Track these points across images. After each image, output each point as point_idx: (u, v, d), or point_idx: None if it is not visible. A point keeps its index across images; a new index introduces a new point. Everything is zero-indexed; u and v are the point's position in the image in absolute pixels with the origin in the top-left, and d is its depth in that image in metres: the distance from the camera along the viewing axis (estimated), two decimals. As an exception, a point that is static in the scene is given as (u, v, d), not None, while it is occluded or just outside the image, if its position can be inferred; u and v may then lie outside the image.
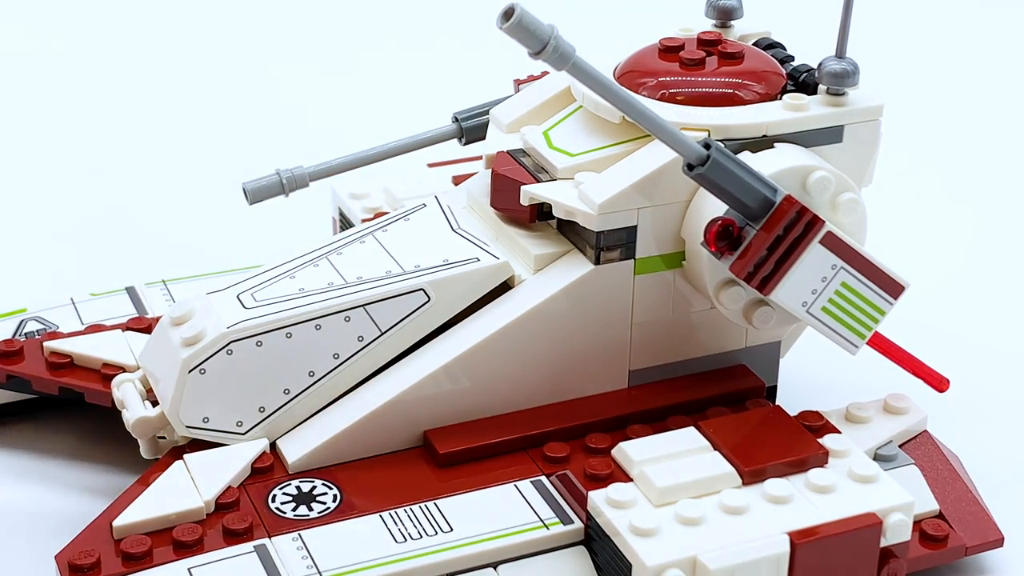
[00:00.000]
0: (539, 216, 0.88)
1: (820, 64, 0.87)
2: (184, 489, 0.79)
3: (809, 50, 0.92)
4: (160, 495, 0.79)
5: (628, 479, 0.79)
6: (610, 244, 0.84)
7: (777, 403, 0.89)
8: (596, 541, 0.77)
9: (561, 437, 0.84)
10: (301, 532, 0.77)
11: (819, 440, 0.81)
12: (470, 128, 1.00)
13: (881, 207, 0.98)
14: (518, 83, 1.03)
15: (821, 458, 0.80)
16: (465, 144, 1.02)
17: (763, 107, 0.86)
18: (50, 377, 0.91)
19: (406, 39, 1.65)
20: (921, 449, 0.88)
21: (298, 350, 0.82)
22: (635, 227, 0.84)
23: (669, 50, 0.89)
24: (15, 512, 0.89)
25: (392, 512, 0.79)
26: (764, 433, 0.82)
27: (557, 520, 0.79)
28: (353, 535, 0.77)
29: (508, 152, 0.89)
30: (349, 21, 1.70)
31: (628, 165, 0.84)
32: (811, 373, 1.01)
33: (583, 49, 0.75)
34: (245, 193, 0.95)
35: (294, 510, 0.79)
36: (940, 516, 0.85)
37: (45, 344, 0.92)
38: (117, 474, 0.91)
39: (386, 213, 1.02)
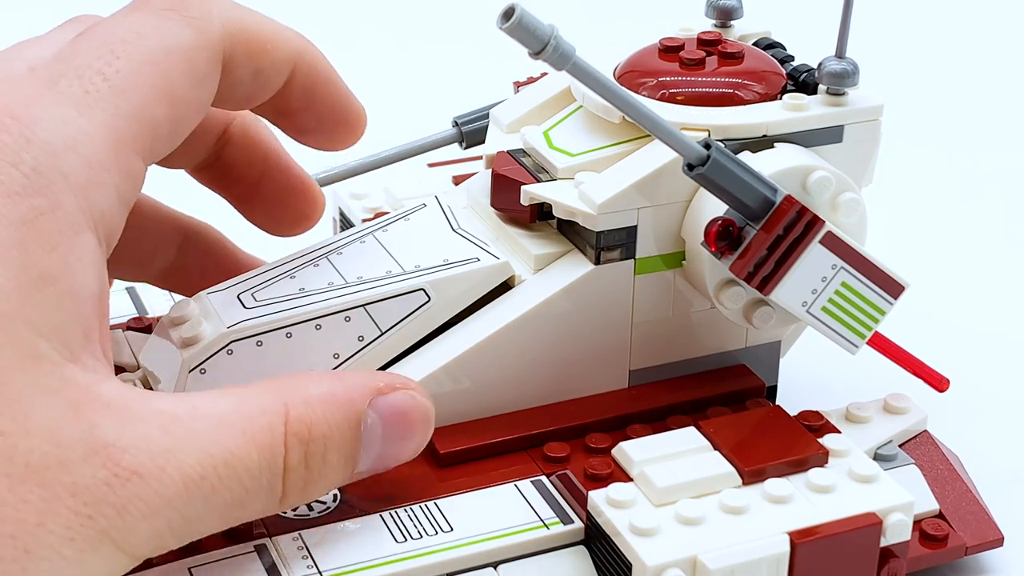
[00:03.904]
0: (539, 216, 0.88)
1: (820, 64, 0.87)
2: (184, 489, 0.79)
3: (809, 50, 0.92)
4: (160, 495, 0.79)
5: (628, 479, 0.79)
6: (610, 244, 0.84)
7: (777, 403, 0.89)
8: (596, 541, 0.77)
9: (561, 437, 0.84)
10: (301, 532, 0.77)
11: (819, 440, 0.81)
12: (470, 132, 1.00)
13: (881, 207, 0.98)
14: (517, 85, 1.03)
15: (821, 458, 0.80)
16: (466, 148, 1.02)
17: (763, 107, 0.86)
18: (50, 377, 0.91)
19: (404, 44, 1.65)
20: (921, 449, 0.89)
21: (298, 350, 0.82)
22: (635, 227, 0.84)
23: (669, 50, 0.89)
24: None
25: (392, 512, 0.79)
26: (764, 433, 0.82)
27: (557, 520, 0.79)
28: (353, 535, 0.77)
29: (508, 152, 0.89)
30: (348, 27, 1.70)
31: (628, 165, 0.84)
32: (811, 373, 1.01)
33: (583, 49, 0.75)
34: None
35: (294, 510, 0.79)
36: (940, 516, 0.85)
37: (45, 344, 0.92)
38: (117, 474, 0.91)
39: (386, 213, 1.02)
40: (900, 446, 0.88)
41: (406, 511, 0.79)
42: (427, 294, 0.84)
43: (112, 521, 0.64)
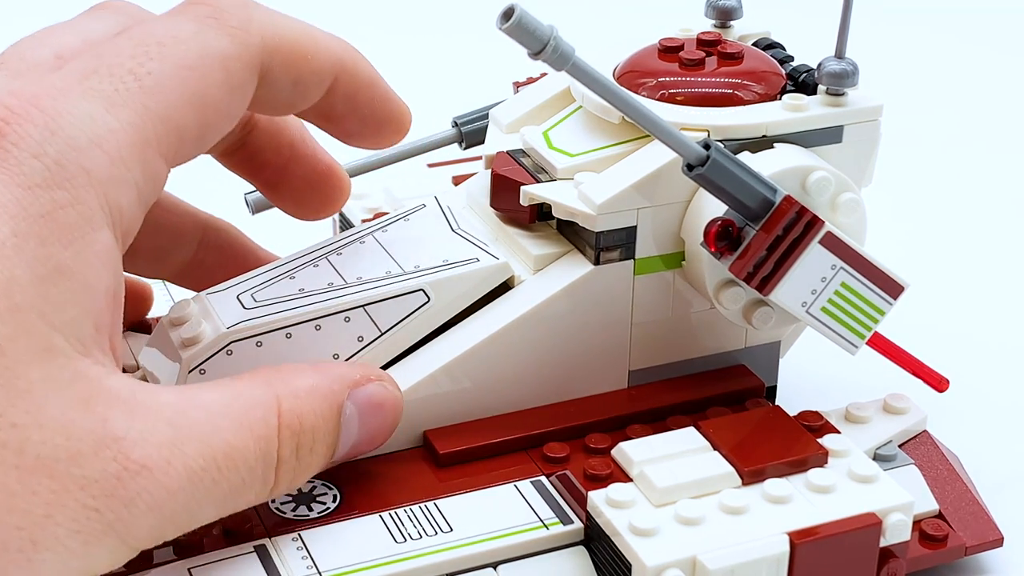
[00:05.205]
0: (539, 216, 0.88)
1: (820, 64, 0.87)
2: (184, 489, 0.79)
3: (809, 50, 0.92)
4: (160, 495, 0.79)
5: (628, 479, 0.79)
6: (610, 244, 0.84)
7: (777, 403, 0.89)
8: (596, 541, 0.77)
9: (561, 437, 0.84)
10: (301, 532, 0.77)
11: (819, 440, 0.81)
12: (470, 132, 1.00)
13: (881, 207, 0.98)
14: (517, 86, 1.03)
15: (821, 458, 0.80)
16: (465, 148, 1.02)
17: (763, 107, 0.86)
18: (50, 377, 0.90)
19: (404, 44, 1.65)
20: (921, 449, 0.89)
21: (298, 350, 0.82)
22: (635, 227, 0.84)
23: (669, 50, 0.89)
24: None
25: (392, 512, 0.79)
26: (764, 433, 0.82)
27: (557, 520, 0.79)
28: (353, 535, 0.77)
29: (508, 152, 0.89)
30: (347, 26, 1.70)
31: (628, 165, 0.84)
32: (811, 373, 1.01)
33: (583, 49, 0.75)
34: (248, 204, 0.95)
35: (294, 510, 0.79)
36: (940, 516, 0.85)
37: (45, 344, 0.92)
38: (117, 474, 0.91)
39: (386, 213, 1.02)
40: (900, 446, 0.88)
41: (406, 511, 0.79)
42: (427, 294, 0.84)
43: (118, 514, 0.65)
